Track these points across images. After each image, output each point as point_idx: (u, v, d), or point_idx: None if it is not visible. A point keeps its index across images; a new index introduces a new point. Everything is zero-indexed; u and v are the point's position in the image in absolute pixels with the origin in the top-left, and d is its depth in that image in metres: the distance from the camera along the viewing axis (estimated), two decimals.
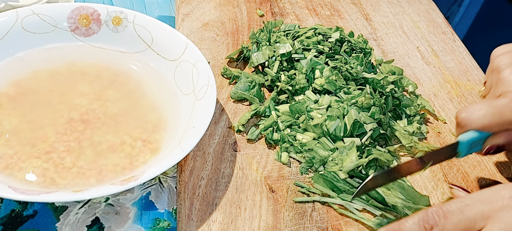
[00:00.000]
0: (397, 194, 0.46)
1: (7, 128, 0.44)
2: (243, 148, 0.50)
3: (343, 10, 0.75)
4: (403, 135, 0.53)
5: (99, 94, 0.50)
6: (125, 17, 0.54)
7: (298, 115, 0.52)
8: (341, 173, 0.47)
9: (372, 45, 0.69)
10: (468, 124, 0.44)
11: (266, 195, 0.46)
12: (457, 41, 0.74)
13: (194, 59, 0.51)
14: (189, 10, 0.67)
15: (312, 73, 0.55)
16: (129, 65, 0.54)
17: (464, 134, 0.44)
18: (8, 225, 0.42)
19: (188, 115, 0.47)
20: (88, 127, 0.46)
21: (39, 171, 0.42)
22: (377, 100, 0.52)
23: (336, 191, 0.46)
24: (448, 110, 0.60)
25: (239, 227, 0.43)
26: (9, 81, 0.49)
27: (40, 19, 0.52)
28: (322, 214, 0.45)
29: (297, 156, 0.50)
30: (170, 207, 0.46)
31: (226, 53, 0.61)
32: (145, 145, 0.46)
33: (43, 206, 0.43)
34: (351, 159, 0.47)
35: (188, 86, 0.50)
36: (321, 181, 0.46)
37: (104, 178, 0.42)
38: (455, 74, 0.67)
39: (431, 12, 0.79)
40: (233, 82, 0.57)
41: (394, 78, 0.58)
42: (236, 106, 0.54)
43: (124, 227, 0.43)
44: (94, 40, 0.54)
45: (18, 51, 0.51)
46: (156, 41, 0.54)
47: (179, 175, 0.46)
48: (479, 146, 0.45)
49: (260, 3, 0.72)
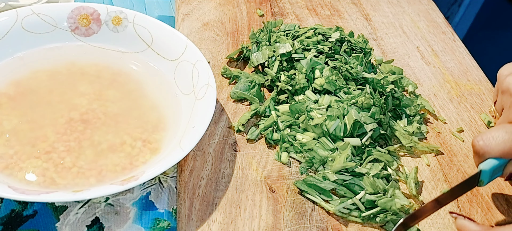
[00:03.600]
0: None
1: (7, 128, 0.44)
2: (243, 148, 0.50)
3: (343, 10, 0.75)
4: (403, 134, 0.53)
5: (99, 94, 0.50)
6: (125, 17, 0.54)
7: (298, 115, 0.52)
8: (330, 174, 0.47)
9: (372, 45, 0.69)
10: (487, 152, 0.43)
11: (266, 195, 0.46)
12: (457, 41, 0.74)
13: (194, 59, 0.51)
14: (189, 10, 0.67)
15: (312, 73, 0.55)
16: (129, 65, 0.54)
17: (485, 162, 0.44)
18: (8, 225, 0.42)
19: (188, 115, 0.47)
20: (88, 126, 0.46)
21: (39, 171, 0.42)
22: (377, 100, 0.52)
23: (325, 193, 0.46)
24: (448, 110, 0.60)
25: (239, 227, 0.43)
26: (9, 81, 0.49)
27: (40, 19, 0.52)
28: (322, 214, 0.45)
29: (297, 156, 0.50)
30: (170, 207, 0.46)
31: (226, 53, 0.61)
32: (145, 145, 0.46)
33: (43, 206, 0.43)
34: (339, 161, 0.47)
35: (188, 86, 0.50)
36: (305, 186, 0.46)
37: (104, 178, 0.42)
38: (455, 74, 0.67)
39: (431, 12, 0.79)
40: (233, 82, 0.57)
41: (394, 78, 0.58)
42: (236, 106, 0.54)
43: (124, 227, 0.43)
44: (94, 40, 0.54)
45: (18, 51, 0.51)
46: (156, 41, 0.54)
47: (179, 175, 0.46)
48: (500, 172, 0.45)
49: (260, 3, 0.72)
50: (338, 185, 0.46)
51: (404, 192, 0.48)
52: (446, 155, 0.54)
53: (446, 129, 0.58)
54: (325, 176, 0.47)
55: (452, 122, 0.59)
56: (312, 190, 0.46)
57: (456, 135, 0.57)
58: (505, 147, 0.43)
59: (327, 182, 0.46)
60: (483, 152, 0.43)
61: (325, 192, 0.46)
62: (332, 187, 0.46)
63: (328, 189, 0.46)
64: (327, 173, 0.47)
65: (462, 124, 0.59)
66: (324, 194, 0.46)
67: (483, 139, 0.43)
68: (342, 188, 0.46)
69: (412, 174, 0.50)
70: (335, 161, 0.48)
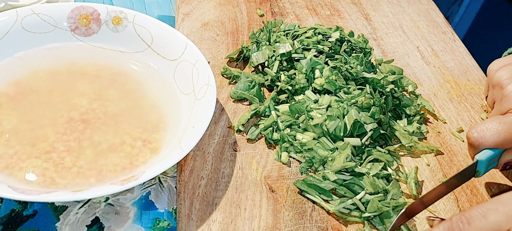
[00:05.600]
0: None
1: (7, 128, 0.44)
2: (243, 148, 0.50)
3: (343, 10, 0.75)
4: (403, 134, 0.53)
5: (99, 94, 0.50)
6: (125, 17, 0.54)
7: (298, 115, 0.52)
8: (330, 173, 0.47)
9: (372, 45, 0.69)
10: (482, 144, 0.44)
11: (266, 194, 0.46)
12: (457, 41, 0.74)
13: (194, 59, 0.51)
14: (189, 10, 0.67)
15: (312, 73, 0.55)
16: (129, 65, 0.54)
17: (480, 153, 0.45)
18: (8, 225, 0.42)
19: (188, 115, 0.47)
20: (88, 126, 0.46)
21: (39, 170, 0.42)
22: (377, 100, 0.52)
23: (325, 193, 0.46)
24: (448, 110, 0.60)
25: (239, 227, 0.43)
26: (9, 81, 0.49)
27: (40, 19, 0.52)
28: (322, 214, 0.45)
29: (297, 156, 0.50)
30: (170, 207, 0.46)
31: (226, 53, 0.61)
32: (145, 145, 0.46)
33: (43, 205, 0.43)
34: (339, 161, 0.47)
35: (188, 86, 0.50)
36: (305, 186, 0.46)
37: (104, 178, 0.42)
38: (455, 74, 0.67)
39: (431, 12, 0.79)
40: (233, 82, 0.57)
41: (394, 78, 0.58)
42: (236, 106, 0.54)
43: (124, 227, 0.43)
44: (94, 40, 0.54)
45: (18, 51, 0.51)
46: (156, 41, 0.54)
47: (179, 174, 0.46)
48: (495, 162, 0.46)
49: (260, 3, 0.72)
50: (338, 185, 0.46)
51: (404, 192, 0.48)
52: (446, 155, 0.54)
53: (446, 129, 0.58)
54: (325, 176, 0.47)
55: (452, 122, 0.59)
56: (312, 190, 0.46)
57: (456, 134, 0.57)
58: (499, 137, 0.44)
59: (327, 182, 0.46)
60: (478, 143, 0.44)
61: (325, 192, 0.46)
62: (332, 187, 0.46)
63: (328, 189, 0.46)
64: (327, 173, 0.47)
65: (462, 123, 0.59)
66: (324, 194, 0.46)
67: (478, 131, 0.44)
68: (342, 188, 0.46)
69: (412, 174, 0.50)
70: (335, 161, 0.48)
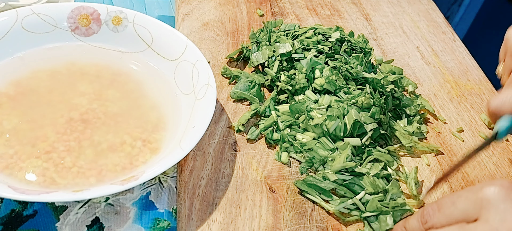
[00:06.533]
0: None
1: (7, 128, 0.44)
2: (243, 148, 0.50)
3: (343, 10, 0.75)
4: (403, 134, 0.53)
5: (99, 94, 0.50)
6: (125, 17, 0.54)
7: (298, 115, 0.52)
8: (330, 173, 0.47)
9: (372, 45, 0.69)
10: (502, 111, 0.45)
11: (266, 194, 0.46)
12: (457, 41, 0.74)
13: (194, 59, 0.51)
14: (189, 10, 0.67)
15: (312, 73, 0.55)
16: (129, 65, 0.54)
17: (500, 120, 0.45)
18: (8, 225, 0.42)
19: (188, 115, 0.47)
20: (88, 126, 0.46)
21: (39, 170, 0.42)
22: (377, 100, 0.52)
23: (325, 193, 0.46)
24: (448, 110, 0.60)
25: (239, 227, 0.43)
26: (9, 81, 0.49)
27: (40, 19, 0.52)
28: (322, 214, 0.45)
29: (297, 156, 0.50)
30: (170, 207, 0.46)
31: (226, 53, 0.61)
32: (145, 145, 0.46)
33: (43, 205, 0.43)
34: (339, 161, 0.47)
35: (188, 86, 0.50)
36: (305, 186, 0.46)
37: (104, 178, 0.42)
38: (455, 74, 0.67)
39: (431, 12, 0.79)
40: (233, 82, 0.57)
41: (394, 78, 0.58)
42: (236, 106, 0.54)
43: (124, 227, 0.43)
44: (94, 40, 0.54)
45: (18, 51, 0.51)
46: (156, 41, 0.54)
47: (179, 174, 0.46)
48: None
49: (260, 3, 0.72)
50: (338, 185, 0.46)
51: (404, 192, 0.48)
52: (446, 154, 0.54)
53: (446, 129, 0.58)
54: (325, 176, 0.47)
55: (452, 122, 0.59)
56: (312, 190, 0.46)
57: (456, 134, 0.57)
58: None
59: (327, 182, 0.46)
60: (498, 111, 0.45)
61: (325, 192, 0.46)
62: (332, 187, 0.46)
63: (328, 189, 0.46)
64: (327, 173, 0.47)
65: (462, 123, 0.59)
66: (324, 194, 0.46)
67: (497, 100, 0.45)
68: (342, 188, 0.46)
69: (412, 174, 0.50)
70: (335, 161, 0.48)
